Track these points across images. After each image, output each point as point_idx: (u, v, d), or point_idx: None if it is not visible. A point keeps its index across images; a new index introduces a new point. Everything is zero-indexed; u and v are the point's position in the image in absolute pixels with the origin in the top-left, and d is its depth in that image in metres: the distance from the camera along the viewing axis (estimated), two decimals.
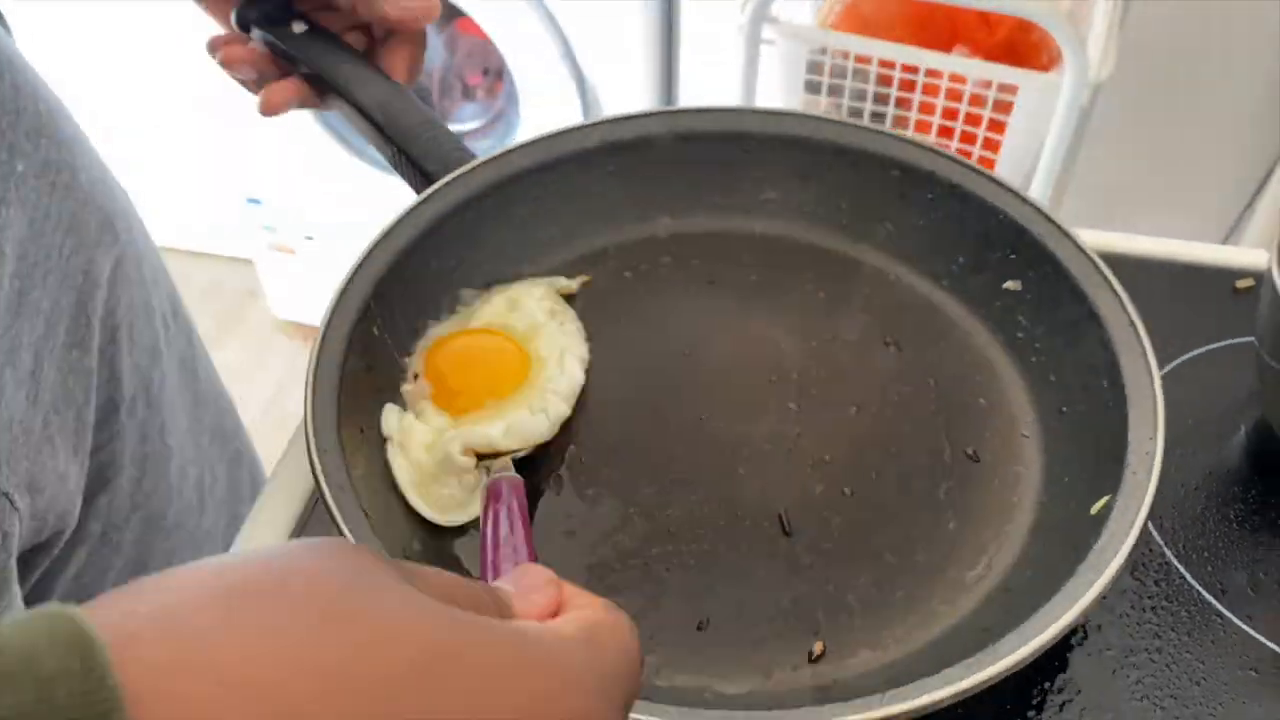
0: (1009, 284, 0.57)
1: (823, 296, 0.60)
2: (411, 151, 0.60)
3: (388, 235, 0.55)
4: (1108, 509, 0.45)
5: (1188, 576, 0.51)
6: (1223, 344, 0.61)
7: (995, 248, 0.58)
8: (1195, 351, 0.61)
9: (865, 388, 0.55)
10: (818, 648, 0.45)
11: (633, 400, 0.54)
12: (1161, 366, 0.49)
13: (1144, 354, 0.49)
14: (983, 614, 0.45)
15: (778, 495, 0.50)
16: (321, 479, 0.45)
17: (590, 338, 0.57)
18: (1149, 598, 0.51)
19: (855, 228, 0.62)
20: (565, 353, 0.55)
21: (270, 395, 1.78)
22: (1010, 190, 0.57)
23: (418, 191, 0.59)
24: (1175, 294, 0.64)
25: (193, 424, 0.74)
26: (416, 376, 0.54)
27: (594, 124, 0.62)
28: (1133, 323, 0.50)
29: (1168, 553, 0.52)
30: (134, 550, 0.68)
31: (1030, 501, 0.50)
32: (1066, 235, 0.55)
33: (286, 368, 1.83)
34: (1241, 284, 0.64)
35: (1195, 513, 0.54)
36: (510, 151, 0.60)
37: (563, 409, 0.53)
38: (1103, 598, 0.41)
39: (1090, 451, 0.49)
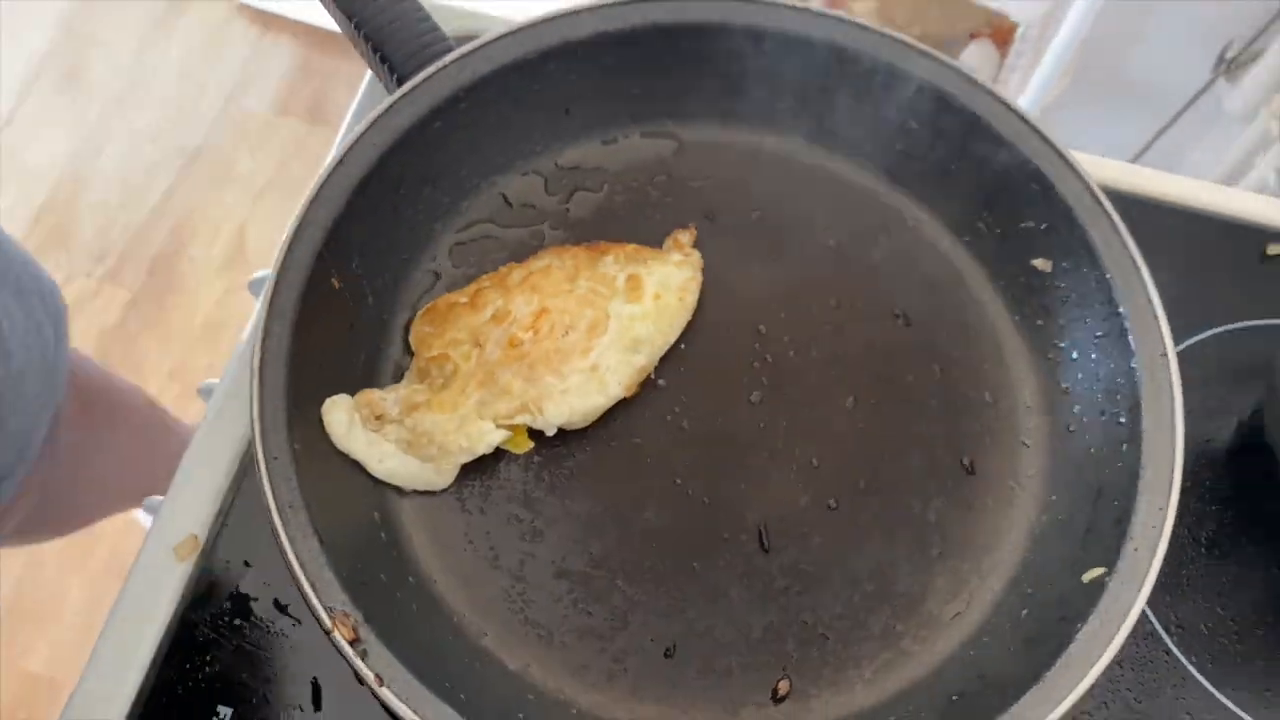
0: (1038, 262, 0.51)
1: (832, 245, 0.53)
2: (376, 37, 0.50)
3: (341, 164, 0.47)
4: (1100, 586, 0.43)
5: (1150, 616, 0.50)
6: (1238, 326, 0.56)
7: (1029, 216, 0.51)
8: (1202, 335, 0.56)
9: (866, 372, 0.51)
10: (783, 687, 0.45)
11: None
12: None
13: (1172, 410, 0.45)
14: (953, 670, 0.45)
15: (759, 505, 0.48)
16: (270, 497, 0.41)
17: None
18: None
19: (878, 158, 0.55)
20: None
21: (228, 91, 1.64)
22: (1059, 154, 0.50)
23: (389, 90, 0.50)
24: (1194, 252, 0.58)
25: None
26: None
27: (586, 9, 0.52)
28: (1168, 365, 0.46)
29: None
30: None
31: (1021, 531, 0.48)
32: (1115, 228, 0.48)
33: (244, 59, 1.67)
34: (1274, 249, 0.58)
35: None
36: (488, 44, 0.50)
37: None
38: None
39: (1092, 492, 0.47)
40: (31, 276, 0.69)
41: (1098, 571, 0.43)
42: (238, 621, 0.47)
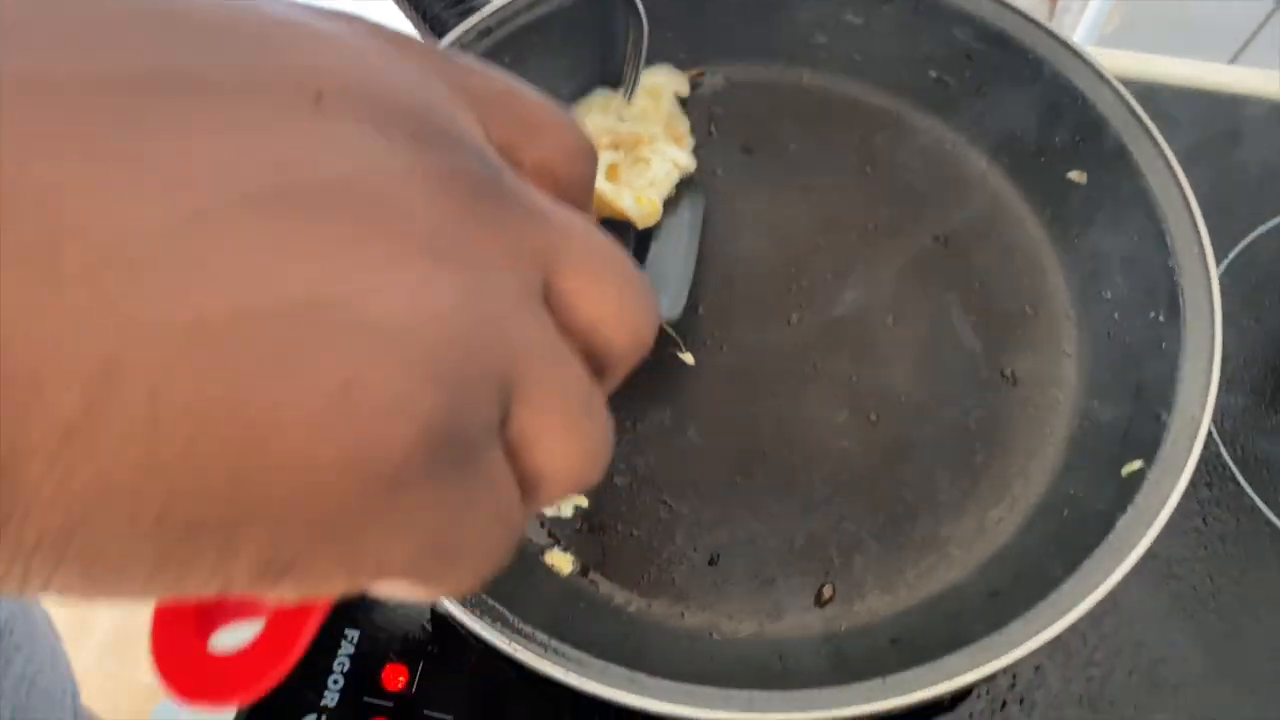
0: (1073, 174, 0.51)
1: (869, 171, 0.54)
2: None
3: None
4: (1139, 477, 0.43)
5: (1245, 486, 0.50)
6: None
7: (1063, 130, 0.51)
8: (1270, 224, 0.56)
9: (905, 291, 0.51)
10: (827, 591, 0.46)
11: None
12: (1226, 248, 0.46)
13: (1210, 301, 0.45)
14: (994, 569, 0.45)
15: (798, 421, 0.49)
16: None
17: None
18: (1203, 502, 0.50)
19: (911, 86, 0.55)
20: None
21: None
22: (1090, 65, 0.50)
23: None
24: (1239, 144, 0.58)
25: None
26: None
27: None
28: (1204, 257, 0.46)
29: (1225, 454, 0.51)
30: None
31: (1063, 435, 0.48)
32: (1150, 135, 0.48)
33: None
34: None
35: (1260, 413, 0.52)
36: None
37: None
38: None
39: (1132, 390, 0.47)
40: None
41: (1136, 465, 0.43)
42: None
